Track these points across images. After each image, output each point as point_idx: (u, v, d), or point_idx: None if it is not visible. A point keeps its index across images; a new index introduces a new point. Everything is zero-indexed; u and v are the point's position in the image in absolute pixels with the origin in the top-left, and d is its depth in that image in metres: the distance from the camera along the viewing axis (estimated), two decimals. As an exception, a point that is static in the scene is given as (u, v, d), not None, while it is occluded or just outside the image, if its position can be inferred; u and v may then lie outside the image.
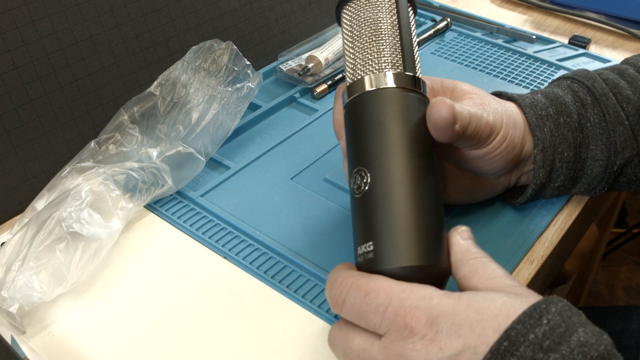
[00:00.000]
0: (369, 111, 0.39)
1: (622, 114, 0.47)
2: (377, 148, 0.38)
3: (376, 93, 0.40)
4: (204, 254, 0.49)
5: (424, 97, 0.41)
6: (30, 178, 0.54)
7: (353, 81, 0.41)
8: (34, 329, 0.44)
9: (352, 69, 0.42)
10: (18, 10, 0.50)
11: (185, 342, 0.43)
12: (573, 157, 0.47)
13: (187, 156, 0.53)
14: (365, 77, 0.40)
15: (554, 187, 0.49)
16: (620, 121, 0.47)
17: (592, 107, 0.48)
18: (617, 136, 0.47)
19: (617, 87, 0.49)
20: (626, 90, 0.48)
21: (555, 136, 0.47)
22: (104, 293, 0.46)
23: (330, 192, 0.54)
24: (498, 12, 0.88)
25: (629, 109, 0.48)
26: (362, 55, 0.41)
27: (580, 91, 0.49)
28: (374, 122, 0.39)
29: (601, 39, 0.81)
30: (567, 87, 0.50)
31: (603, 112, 0.47)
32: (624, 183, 0.50)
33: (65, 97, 0.55)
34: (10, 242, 0.46)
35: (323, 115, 0.64)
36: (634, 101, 0.48)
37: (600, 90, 0.48)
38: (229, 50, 0.57)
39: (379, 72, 0.40)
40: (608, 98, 0.48)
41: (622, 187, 0.50)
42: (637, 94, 0.48)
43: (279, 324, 0.44)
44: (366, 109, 0.40)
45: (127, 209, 0.50)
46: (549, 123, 0.47)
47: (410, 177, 0.37)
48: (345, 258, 0.48)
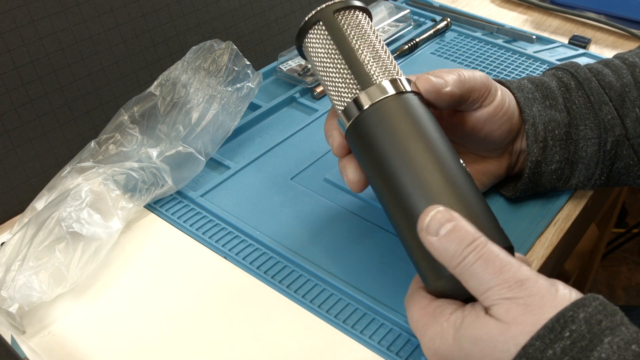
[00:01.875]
0: (380, 127, 0.39)
1: (605, 96, 0.49)
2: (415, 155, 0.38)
3: (377, 107, 0.39)
4: (204, 254, 0.49)
5: (416, 93, 0.42)
6: (30, 178, 0.54)
7: (345, 107, 0.41)
8: (33, 329, 0.44)
9: (337, 96, 0.42)
10: (18, 10, 0.50)
11: (185, 342, 0.43)
12: (564, 135, 0.49)
13: (187, 156, 0.53)
14: (357, 97, 0.40)
15: (551, 171, 0.49)
16: (605, 101, 0.49)
17: (576, 91, 0.50)
18: (603, 114, 0.48)
19: (600, 74, 0.50)
20: (609, 77, 0.50)
21: (544, 115, 0.49)
22: (104, 293, 0.46)
23: (330, 192, 0.54)
24: (498, 12, 0.88)
25: (612, 94, 0.49)
26: (342, 81, 0.41)
27: (564, 77, 0.51)
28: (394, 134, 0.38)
29: (601, 39, 0.81)
30: (552, 75, 0.52)
31: (587, 94, 0.49)
32: (622, 170, 0.50)
33: (65, 97, 0.55)
34: (10, 242, 0.46)
35: (323, 115, 0.64)
36: (617, 87, 0.49)
37: (583, 75, 0.50)
38: (229, 50, 0.57)
39: (367, 88, 0.40)
40: (591, 82, 0.50)
41: (622, 177, 0.50)
42: (620, 81, 0.50)
43: (279, 324, 0.44)
44: (375, 126, 0.39)
45: (127, 209, 0.50)
46: (536, 104, 0.49)
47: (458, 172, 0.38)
48: (345, 258, 0.48)
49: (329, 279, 0.46)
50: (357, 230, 0.50)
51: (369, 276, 0.46)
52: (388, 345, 0.42)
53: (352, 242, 0.49)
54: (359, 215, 0.52)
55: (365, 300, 0.44)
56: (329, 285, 0.46)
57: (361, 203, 0.53)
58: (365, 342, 0.42)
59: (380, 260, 0.48)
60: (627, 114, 0.48)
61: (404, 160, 0.38)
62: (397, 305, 0.44)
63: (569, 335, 0.29)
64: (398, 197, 0.37)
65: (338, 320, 0.44)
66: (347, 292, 0.45)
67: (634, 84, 0.49)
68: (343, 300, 0.45)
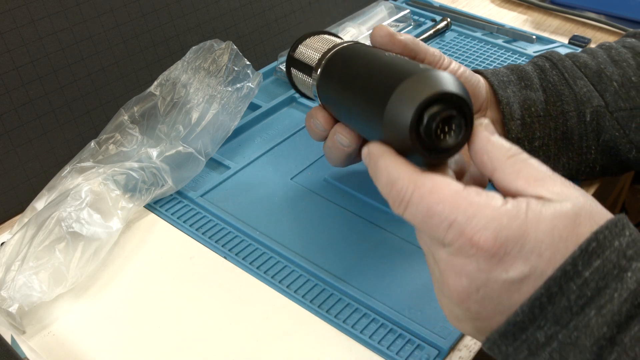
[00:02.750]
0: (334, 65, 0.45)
1: (579, 72, 0.50)
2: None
3: (329, 57, 0.46)
4: (204, 254, 0.49)
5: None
6: (30, 178, 0.54)
7: (314, 65, 0.48)
8: (33, 329, 0.44)
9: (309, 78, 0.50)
10: (18, 10, 0.50)
11: (185, 342, 0.43)
12: (542, 112, 0.50)
13: (187, 156, 0.53)
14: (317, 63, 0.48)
15: (535, 148, 0.50)
16: (579, 77, 0.50)
17: (550, 70, 0.51)
18: (578, 88, 0.50)
19: (575, 56, 0.52)
20: (584, 58, 0.52)
21: (519, 95, 0.50)
22: (104, 293, 0.46)
23: (330, 192, 0.54)
24: (498, 12, 0.88)
25: (587, 71, 0.51)
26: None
27: (539, 61, 0.53)
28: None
29: (601, 39, 0.81)
30: (530, 62, 0.53)
31: (561, 72, 0.51)
32: (609, 143, 0.50)
33: (65, 97, 0.55)
34: (10, 242, 0.46)
35: (323, 115, 0.63)
36: (592, 65, 0.51)
37: (557, 57, 0.52)
38: (229, 50, 0.57)
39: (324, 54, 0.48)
40: (565, 61, 0.51)
41: (612, 150, 0.51)
42: (595, 60, 0.51)
43: (279, 324, 0.44)
44: (331, 66, 0.46)
45: (127, 209, 0.50)
46: (511, 86, 0.50)
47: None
48: (345, 258, 0.48)
49: (328, 279, 0.46)
50: (357, 230, 0.50)
51: (369, 276, 0.46)
52: (388, 345, 0.42)
53: (352, 242, 0.49)
54: (359, 215, 0.52)
55: (365, 300, 0.44)
56: (329, 285, 0.46)
57: (361, 203, 0.53)
58: (365, 342, 0.42)
59: (380, 260, 0.48)
60: (606, 89, 0.50)
61: (352, 74, 0.41)
62: (397, 305, 0.44)
63: (629, 235, 0.30)
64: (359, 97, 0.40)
65: (338, 320, 0.44)
66: (347, 292, 0.45)
67: (610, 62, 0.51)
68: (343, 300, 0.45)
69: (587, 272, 0.29)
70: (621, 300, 0.28)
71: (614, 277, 0.29)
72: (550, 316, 0.29)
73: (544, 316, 0.29)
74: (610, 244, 0.29)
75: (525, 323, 0.30)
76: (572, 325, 0.29)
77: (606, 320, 0.28)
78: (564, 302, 0.29)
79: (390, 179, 0.33)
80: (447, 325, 0.43)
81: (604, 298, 0.29)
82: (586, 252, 0.29)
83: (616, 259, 0.29)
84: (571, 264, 0.29)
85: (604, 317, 0.28)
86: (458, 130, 0.33)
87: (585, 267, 0.29)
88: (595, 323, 0.29)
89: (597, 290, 0.29)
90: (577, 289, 0.29)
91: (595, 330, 0.29)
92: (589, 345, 0.29)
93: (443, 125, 0.33)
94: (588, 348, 0.29)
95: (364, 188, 0.54)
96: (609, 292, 0.29)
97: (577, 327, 0.29)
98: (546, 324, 0.29)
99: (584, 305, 0.29)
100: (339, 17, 0.79)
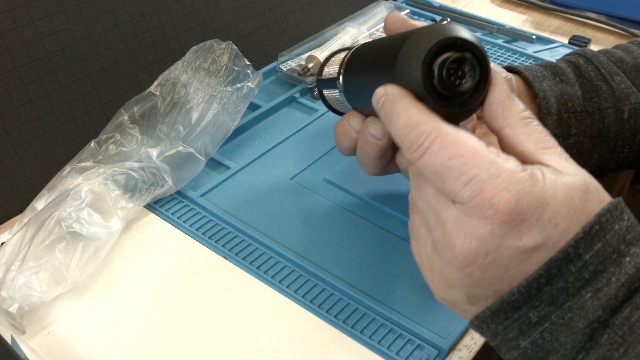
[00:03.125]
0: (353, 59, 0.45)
1: (616, 68, 0.48)
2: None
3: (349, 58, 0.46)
4: (204, 254, 0.49)
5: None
6: (30, 178, 0.54)
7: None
8: (33, 329, 0.44)
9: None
10: (18, 10, 0.50)
11: (185, 342, 0.43)
12: (578, 107, 0.47)
13: (187, 156, 0.53)
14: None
15: (570, 145, 0.47)
16: (616, 72, 0.48)
17: (585, 66, 0.49)
18: (616, 84, 0.47)
19: (609, 52, 0.50)
20: (619, 53, 0.50)
21: (555, 90, 0.47)
22: (104, 293, 0.46)
23: (330, 192, 0.54)
24: (498, 12, 0.88)
25: (624, 66, 0.49)
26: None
27: (572, 57, 0.50)
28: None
29: (601, 39, 0.81)
30: (562, 59, 0.52)
31: (597, 67, 0.48)
32: None
33: (65, 97, 0.55)
34: (10, 242, 0.46)
35: (323, 115, 0.64)
36: (628, 60, 0.49)
37: (591, 53, 0.50)
38: (229, 50, 0.57)
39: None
40: (600, 57, 0.49)
41: None
42: (631, 55, 0.49)
43: (279, 324, 0.44)
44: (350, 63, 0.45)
45: (127, 209, 0.50)
46: (546, 80, 0.48)
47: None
48: (346, 258, 0.48)
49: (329, 279, 0.46)
50: (357, 230, 0.50)
51: (369, 276, 0.46)
52: (388, 345, 0.42)
53: (352, 242, 0.49)
54: (359, 215, 0.52)
55: (365, 300, 0.44)
56: (329, 285, 0.46)
57: (361, 203, 0.53)
58: (365, 342, 0.42)
59: (380, 260, 0.48)
60: None
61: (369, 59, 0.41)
62: (397, 305, 0.44)
63: (627, 219, 0.30)
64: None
65: (338, 320, 0.44)
66: (347, 292, 0.45)
67: None
68: (343, 300, 0.45)
69: (587, 255, 0.29)
70: (618, 285, 0.28)
71: (613, 261, 0.29)
72: (545, 297, 0.29)
73: (539, 297, 0.29)
74: (611, 228, 0.29)
75: (519, 302, 0.29)
76: (566, 307, 0.29)
77: (602, 304, 0.28)
78: (561, 283, 0.29)
79: (411, 121, 0.31)
80: (447, 325, 0.43)
81: (601, 281, 0.29)
82: (589, 235, 0.29)
83: (616, 243, 0.29)
84: (573, 246, 0.28)
85: (599, 300, 0.28)
86: (472, 73, 0.32)
87: (587, 250, 0.29)
88: (590, 305, 0.28)
89: (595, 274, 0.29)
90: (576, 271, 0.29)
91: (590, 313, 0.28)
92: (582, 327, 0.29)
93: (456, 71, 0.32)
94: (581, 330, 0.29)
95: (364, 188, 0.54)
96: (606, 275, 0.29)
97: (572, 309, 0.29)
98: (540, 304, 0.29)
99: (581, 288, 0.29)
100: (339, 17, 0.79)
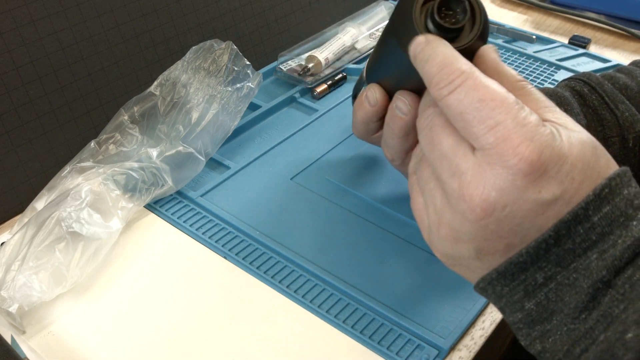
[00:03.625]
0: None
1: (620, 95, 0.48)
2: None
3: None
4: (204, 254, 0.49)
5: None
6: (30, 178, 0.54)
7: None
8: (33, 329, 0.44)
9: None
10: (18, 10, 0.50)
11: (185, 342, 0.43)
12: None
13: (187, 156, 0.53)
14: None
15: None
16: (620, 100, 0.48)
17: (589, 95, 0.49)
18: (620, 112, 0.47)
19: (613, 78, 0.50)
20: (623, 79, 0.49)
21: None
22: (104, 293, 0.46)
23: (330, 192, 0.54)
24: (498, 12, 0.88)
25: (629, 93, 0.49)
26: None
27: (576, 85, 0.50)
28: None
29: (601, 39, 0.81)
30: (565, 86, 0.51)
31: (601, 95, 0.48)
32: None
33: (65, 97, 0.55)
34: (10, 242, 0.46)
35: (323, 115, 0.64)
36: (632, 86, 0.49)
37: (595, 80, 0.49)
38: (229, 50, 0.57)
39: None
40: (604, 85, 0.49)
41: None
42: (635, 80, 0.49)
43: (279, 324, 0.44)
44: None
45: (127, 209, 0.50)
46: None
47: None
48: (346, 258, 0.48)
49: (328, 278, 0.46)
50: (357, 230, 0.50)
51: (369, 276, 0.46)
52: (388, 345, 0.42)
53: (352, 242, 0.49)
54: (359, 215, 0.52)
55: (365, 300, 0.44)
56: (329, 285, 0.46)
57: (361, 203, 0.53)
58: (365, 342, 0.42)
59: (381, 260, 0.48)
60: None
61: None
62: (397, 305, 0.44)
63: (635, 187, 0.30)
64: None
65: (338, 320, 0.44)
66: (347, 292, 0.45)
67: None
68: (343, 300, 0.45)
69: (596, 217, 0.29)
70: (624, 247, 0.29)
71: (620, 224, 0.29)
72: (553, 258, 0.29)
73: (547, 258, 0.29)
74: (620, 192, 0.29)
75: (527, 264, 0.30)
76: (572, 267, 0.29)
77: (606, 264, 0.29)
78: (569, 244, 0.29)
79: (447, 61, 0.31)
80: (447, 325, 0.43)
81: (607, 243, 0.29)
82: (599, 197, 0.29)
83: (624, 207, 0.29)
84: (583, 207, 0.29)
85: (604, 260, 0.29)
86: (463, 9, 0.35)
87: (595, 212, 0.29)
88: (595, 266, 0.29)
89: (601, 235, 0.29)
90: (584, 233, 0.29)
91: (595, 273, 0.29)
92: (586, 287, 0.29)
93: (447, 11, 0.35)
94: (585, 289, 0.29)
95: (364, 188, 0.54)
96: (612, 237, 0.29)
97: (577, 269, 0.29)
98: (547, 265, 0.29)
99: (587, 249, 0.29)
100: (339, 17, 0.79)
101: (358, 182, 0.55)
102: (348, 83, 0.69)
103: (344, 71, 0.69)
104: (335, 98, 0.66)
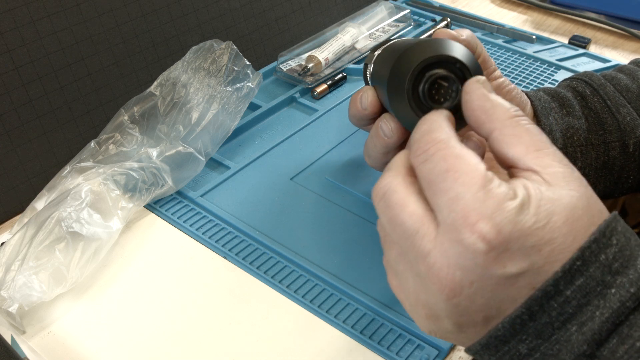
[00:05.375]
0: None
1: (622, 99, 0.48)
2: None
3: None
4: (204, 254, 0.49)
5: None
6: (30, 178, 0.54)
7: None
8: (33, 329, 0.44)
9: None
10: (18, 10, 0.50)
11: (185, 342, 0.43)
12: (584, 141, 0.48)
13: (187, 156, 0.53)
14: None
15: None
16: (622, 104, 0.48)
17: (591, 97, 0.49)
18: (622, 117, 0.48)
19: (614, 79, 0.50)
20: (624, 80, 0.49)
21: (561, 123, 0.48)
22: (104, 293, 0.46)
23: (330, 192, 0.54)
24: (498, 12, 0.88)
25: (629, 96, 0.48)
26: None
27: (578, 86, 0.50)
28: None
29: (601, 39, 0.81)
30: (567, 86, 0.51)
31: (603, 98, 0.48)
32: None
33: (65, 97, 0.55)
34: (10, 242, 0.46)
35: (323, 115, 0.64)
36: (633, 89, 0.49)
37: (597, 82, 0.49)
38: (229, 50, 0.57)
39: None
40: (606, 87, 0.49)
41: None
42: (636, 82, 0.49)
43: (279, 324, 0.44)
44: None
45: (127, 209, 0.50)
46: (553, 113, 0.48)
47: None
48: (346, 258, 0.48)
49: (329, 278, 0.46)
50: (357, 230, 0.50)
51: (369, 276, 0.46)
52: (388, 345, 0.42)
53: (352, 242, 0.49)
54: (359, 215, 0.52)
55: (365, 300, 0.44)
56: (329, 285, 0.46)
57: (361, 203, 0.53)
58: (365, 342, 0.42)
59: (380, 260, 0.48)
60: None
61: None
62: (397, 305, 0.44)
63: (616, 244, 0.29)
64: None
65: (338, 319, 0.44)
66: (348, 292, 0.45)
67: None
68: (343, 300, 0.45)
69: (568, 290, 0.28)
70: (602, 320, 0.28)
71: (597, 294, 0.28)
72: (531, 331, 0.29)
73: (525, 331, 0.29)
74: (595, 259, 0.28)
75: (506, 337, 0.29)
76: (553, 339, 0.29)
77: (586, 339, 0.28)
78: (545, 318, 0.29)
79: (430, 128, 0.31)
80: (447, 325, 0.43)
81: (586, 315, 0.28)
82: (569, 272, 0.28)
83: (600, 275, 0.28)
84: (552, 285, 0.28)
85: (584, 334, 0.28)
86: (454, 93, 0.34)
87: (567, 286, 0.28)
88: (575, 339, 0.28)
89: (578, 307, 0.28)
90: (558, 307, 0.28)
91: (576, 347, 0.28)
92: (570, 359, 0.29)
93: (439, 86, 0.34)
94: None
95: (364, 188, 0.54)
96: (590, 309, 0.28)
97: (559, 341, 0.29)
98: (528, 338, 0.29)
99: (566, 321, 0.28)
100: (339, 17, 0.79)
101: (358, 182, 0.55)
102: (348, 83, 0.69)
103: (344, 71, 0.69)
104: (335, 98, 0.66)
